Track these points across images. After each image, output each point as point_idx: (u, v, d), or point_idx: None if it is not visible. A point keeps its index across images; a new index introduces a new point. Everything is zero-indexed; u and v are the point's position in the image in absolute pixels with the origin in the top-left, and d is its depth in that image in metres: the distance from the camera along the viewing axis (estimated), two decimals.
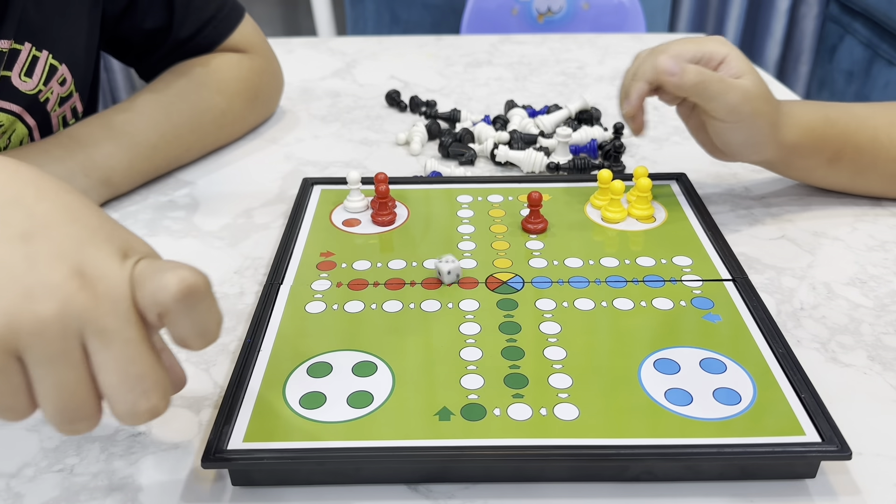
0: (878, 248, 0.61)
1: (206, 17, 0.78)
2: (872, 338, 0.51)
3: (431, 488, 0.41)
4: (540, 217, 0.60)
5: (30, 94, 0.65)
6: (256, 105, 0.83)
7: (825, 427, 0.40)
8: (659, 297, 0.51)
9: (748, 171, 0.74)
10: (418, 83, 0.99)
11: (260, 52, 0.83)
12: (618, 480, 0.41)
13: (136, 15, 0.75)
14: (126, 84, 2.26)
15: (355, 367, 0.46)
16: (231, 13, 0.80)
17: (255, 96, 0.82)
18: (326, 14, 2.25)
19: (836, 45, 2.04)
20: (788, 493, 0.40)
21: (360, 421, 0.42)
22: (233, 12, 0.81)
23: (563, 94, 0.94)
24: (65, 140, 0.66)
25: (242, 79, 0.79)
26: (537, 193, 0.59)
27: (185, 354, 0.51)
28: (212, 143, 0.78)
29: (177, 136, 0.73)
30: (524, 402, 0.43)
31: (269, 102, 0.86)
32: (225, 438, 0.40)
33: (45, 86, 0.67)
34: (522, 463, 0.40)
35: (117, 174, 0.68)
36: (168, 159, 0.73)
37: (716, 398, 0.43)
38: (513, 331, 0.48)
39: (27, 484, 0.42)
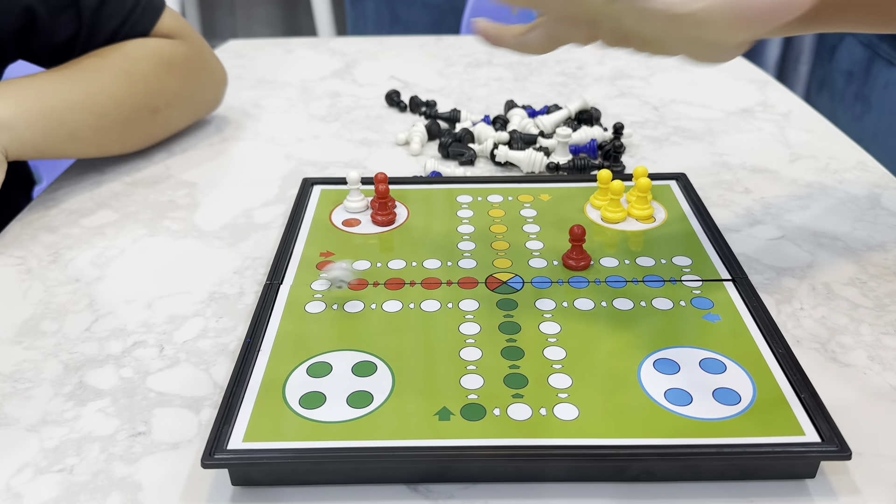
0: (878, 248, 0.61)
1: (122, 15, 0.76)
2: (872, 338, 0.51)
3: (431, 488, 0.41)
4: (583, 253, 0.55)
5: None
6: (173, 72, 0.78)
7: (825, 427, 0.40)
8: (659, 297, 0.51)
9: (748, 171, 0.74)
10: (418, 83, 0.99)
11: (186, 39, 0.81)
12: (618, 480, 0.41)
13: (43, 32, 0.73)
14: None
15: (355, 367, 0.46)
16: (147, 10, 0.78)
17: (168, 63, 0.78)
18: (326, 14, 2.25)
19: (836, 45, 2.04)
20: (788, 493, 0.40)
21: (360, 421, 0.42)
22: (149, 9, 0.78)
23: (563, 95, 0.94)
24: None
25: (149, 48, 0.77)
26: (580, 228, 0.54)
27: (185, 354, 0.51)
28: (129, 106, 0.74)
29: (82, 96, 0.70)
30: (524, 402, 0.43)
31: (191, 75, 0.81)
32: (225, 438, 0.40)
33: None
34: (522, 463, 0.40)
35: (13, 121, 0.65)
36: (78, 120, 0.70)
37: (715, 398, 0.43)
38: (513, 331, 0.49)
39: (27, 484, 0.42)
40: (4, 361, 0.51)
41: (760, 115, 0.87)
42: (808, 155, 0.78)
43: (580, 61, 1.05)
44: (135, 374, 0.49)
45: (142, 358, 0.51)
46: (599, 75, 1.01)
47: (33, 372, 0.50)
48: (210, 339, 0.52)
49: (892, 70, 1.80)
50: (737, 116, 0.87)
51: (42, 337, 0.53)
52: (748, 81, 0.98)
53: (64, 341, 0.52)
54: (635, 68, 1.03)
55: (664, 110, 0.89)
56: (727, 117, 0.87)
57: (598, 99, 0.90)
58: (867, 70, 1.90)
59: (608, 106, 0.90)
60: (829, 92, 2.07)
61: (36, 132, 0.67)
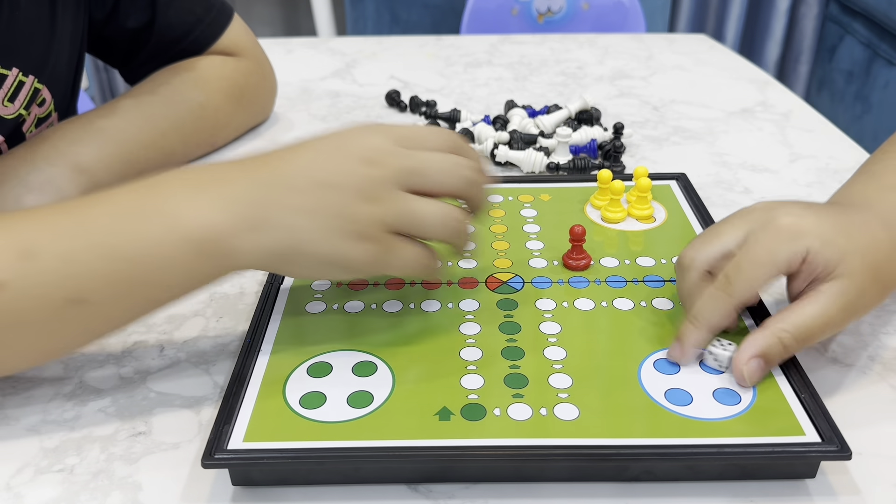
0: None
1: (193, 19, 0.77)
2: (872, 338, 0.51)
3: (431, 488, 0.41)
4: (583, 253, 0.55)
5: (9, 118, 0.64)
6: (242, 103, 0.81)
7: (825, 427, 0.40)
8: (659, 297, 0.51)
9: (748, 171, 0.74)
10: (418, 83, 0.99)
11: (250, 56, 0.82)
12: (618, 480, 0.41)
13: (119, 15, 0.74)
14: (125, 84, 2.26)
15: (355, 367, 0.46)
16: (219, 16, 0.79)
17: (239, 94, 0.80)
18: (326, 14, 2.25)
19: (836, 46, 2.04)
20: (788, 493, 0.40)
21: (360, 421, 0.42)
22: (221, 15, 0.79)
23: (563, 94, 0.94)
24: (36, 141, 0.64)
25: (225, 77, 0.78)
26: (581, 227, 0.54)
27: (184, 354, 0.51)
28: (194, 143, 0.76)
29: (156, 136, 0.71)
30: (524, 402, 0.43)
31: (257, 103, 0.84)
32: (225, 438, 0.40)
33: (25, 110, 0.66)
34: (522, 463, 0.40)
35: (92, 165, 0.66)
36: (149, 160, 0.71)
37: (715, 398, 0.43)
38: (513, 331, 0.49)
39: (27, 484, 0.42)
40: None
41: (760, 114, 0.87)
42: (808, 155, 0.78)
43: (580, 61, 1.05)
44: (135, 374, 0.49)
45: (142, 358, 0.51)
46: (599, 75, 1.01)
47: (33, 372, 0.50)
48: (210, 339, 0.52)
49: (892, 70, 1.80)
50: (737, 116, 0.87)
51: None
52: (748, 81, 0.98)
53: None
54: (635, 68, 1.03)
55: (664, 110, 0.89)
56: (727, 117, 0.87)
57: (598, 99, 0.90)
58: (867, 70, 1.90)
59: (608, 106, 0.90)
60: (830, 92, 2.07)
61: (112, 175, 0.67)
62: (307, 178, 0.43)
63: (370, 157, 0.43)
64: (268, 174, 0.43)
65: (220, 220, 0.42)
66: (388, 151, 0.44)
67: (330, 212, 0.42)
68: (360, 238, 0.42)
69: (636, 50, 1.10)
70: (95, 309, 0.42)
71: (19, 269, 0.41)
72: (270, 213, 0.42)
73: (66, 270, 0.41)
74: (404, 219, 0.43)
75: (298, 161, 0.44)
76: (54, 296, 0.41)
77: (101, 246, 0.42)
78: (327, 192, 0.42)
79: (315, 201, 0.42)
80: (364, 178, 0.43)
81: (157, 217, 0.42)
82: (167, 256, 0.42)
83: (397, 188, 0.43)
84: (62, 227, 0.43)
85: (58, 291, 0.41)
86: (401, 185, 0.43)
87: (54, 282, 0.41)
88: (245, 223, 0.42)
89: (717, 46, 1.12)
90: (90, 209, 0.43)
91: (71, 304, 0.41)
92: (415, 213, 0.43)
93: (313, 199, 0.42)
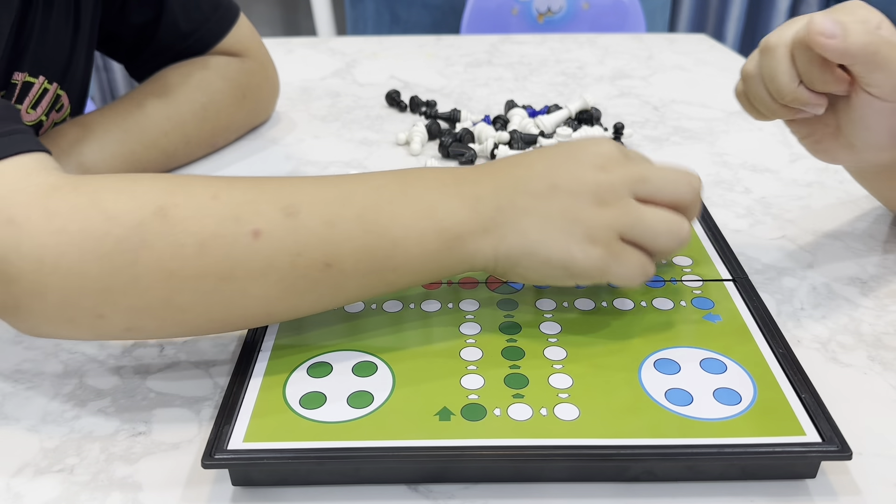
0: (878, 248, 0.61)
1: (199, 17, 0.77)
2: (872, 338, 0.51)
3: (431, 488, 0.41)
4: None
5: (30, 125, 0.65)
6: (244, 104, 0.81)
7: (825, 427, 0.40)
8: (659, 297, 0.51)
9: (748, 171, 0.74)
10: (418, 83, 0.99)
11: (254, 56, 0.82)
12: (618, 480, 0.41)
13: (126, 11, 0.74)
14: (126, 84, 2.26)
15: (355, 367, 0.46)
16: (226, 14, 0.80)
17: (242, 95, 0.80)
18: (326, 14, 2.25)
19: None
20: (789, 493, 0.40)
21: (360, 421, 0.42)
22: (227, 13, 0.80)
23: (563, 94, 0.94)
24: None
25: (228, 78, 0.78)
26: None
27: (184, 354, 0.51)
28: (196, 143, 0.76)
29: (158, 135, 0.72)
30: (524, 402, 0.43)
31: (259, 104, 0.84)
32: (225, 438, 0.40)
33: (46, 116, 0.66)
34: (522, 463, 0.40)
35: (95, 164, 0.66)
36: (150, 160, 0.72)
37: (716, 398, 0.43)
38: (513, 331, 0.48)
39: (27, 484, 0.42)
40: (4, 361, 0.51)
41: None
42: (808, 155, 0.77)
43: (580, 61, 1.05)
44: (135, 374, 0.49)
45: (142, 358, 0.51)
46: (600, 75, 1.01)
47: (33, 372, 0.50)
48: (210, 339, 0.52)
49: None
50: (737, 116, 0.87)
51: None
52: None
53: (64, 341, 0.52)
54: (636, 68, 1.03)
55: (664, 110, 0.89)
56: (727, 117, 0.87)
57: (598, 99, 0.90)
58: None
59: (608, 106, 0.90)
60: None
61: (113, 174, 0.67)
62: (544, 183, 0.44)
63: (602, 164, 0.45)
64: (509, 179, 0.45)
65: (467, 217, 0.44)
66: (618, 159, 0.45)
67: (564, 215, 0.44)
68: (591, 242, 0.43)
69: (636, 50, 1.10)
70: (340, 278, 0.43)
71: (279, 223, 0.42)
72: (509, 217, 0.44)
73: (324, 233, 0.42)
74: (634, 225, 0.44)
75: (535, 167, 0.45)
76: (307, 254, 0.42)
77: (361, 218, 0.43)
78: (563, 196, 0.44)
79: (551, 205, 0.44)
80: (597, 183, 0.44)
81: (415, 203, 0.44)
82: (418, 242, 0.43)
83: (628, 194, 0.44)
84: (326, 193, 0.44)
85: (312, 251, 0.42)
86: (631, 192, 0.44)
87: (310, 242, 0.42)
88: (487, 223, 0.44)
89: (717, 46, 1.12)
90: (352, 184, 0.45)
91: (321, 267, 0.43)
92: (644, 220, 0.44)
93: (549, 202, 0.44)
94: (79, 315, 0.41)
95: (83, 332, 0.43)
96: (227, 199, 0.42)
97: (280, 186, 0.44)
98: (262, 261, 0.42)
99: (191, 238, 0.41)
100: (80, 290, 0.40)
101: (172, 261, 0.41)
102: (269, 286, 0.42)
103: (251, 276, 0.42)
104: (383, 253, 0.43)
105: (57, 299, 0.41)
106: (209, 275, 0.41)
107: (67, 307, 0.41)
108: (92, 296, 0.41)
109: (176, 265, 0.41)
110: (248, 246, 0.41)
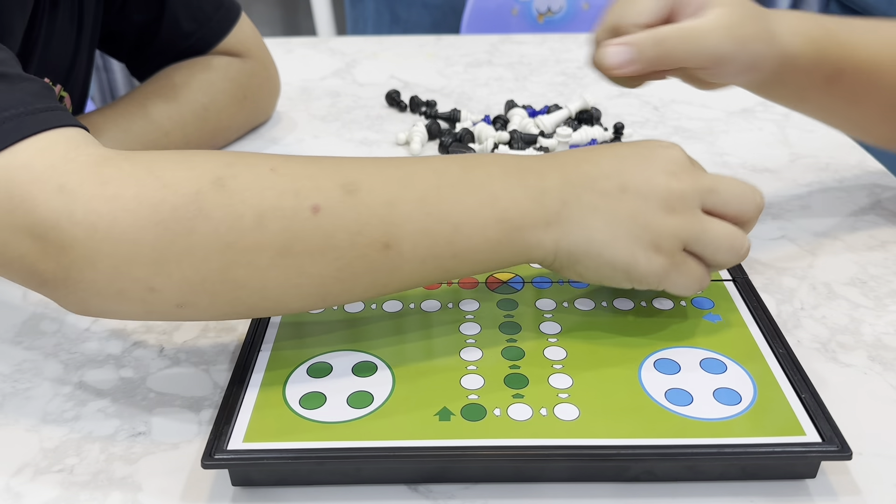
0: (878, 248, 0.61)
1: (201, 16, 0.77)
2: (873, 338, 0.51)
3: (431, 488, 0.41)
4: None
5: None
6: (245, 105, 0.81)
7: (825, 427, 0.40)
8: (659, 298, 0.51)
9: (748, 171, 0.74)
10: (418, 83, 0.99)
11: (256, 56, 0.82)
12: (618, 481, 0.41)
13: (128, 9, 0.74)
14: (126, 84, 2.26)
15: (355, 367, 0.46)
16: (227, 14, 0.80)
17: (243, 96, 0.80)
18: (326, 14, 2.25)
19: None
20: (789, 493, 0.40)
21: (360, 421, 0.42)
22: (229, 13, 0.80)
23: (563, 94, 0.94)
24: None
25: (229, 79, 0.78)
26: None
27: (184, 354, 0.51)
28: (196, 143, 0.76)
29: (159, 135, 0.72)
30: (524, 402, 0.43)
31: (259, 104, 0.84)
32: (225, 438, 0.40)
33: None
34: (522, 463, 0.40)
35: None
36: None
37: (716, 398, 0.43)
38: (513, 331, 0.48)
39: (27, 484, 0.42)
40: (4, 361, 0.51)
41: (761, 114, 0.87)
42: (808, 155, 0.78)
43: (580, 61, 1.05)
44: (135, 374, 0.49)
45: (142, 358, 0.51)
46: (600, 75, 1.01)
47: (33, 372, 0.50)
48: (210, 339, 0.52)
49: None
50: (737, 116, 0.87)
51: (42, 337, 0.53)
52: None
53: (64, 341, 0.52)
54: None
55: (664, 110, 0.89)
56: (727, 117, 0.87)
57: (598, 99, 0.90)
58: None
59: (608, 106, 0.90)
60: None
61: None
62: (614, 182, 0.44)
63: (673, 170, 0.44)
64: (576, 175, 0.44)
65: (531, 208, 0.43)
66: (688, 167, 0.45)
67: (633, 218, 0.43)
68: (655, 248, 0.43)
69: None
70: (398, 260, 0.42)
71: (339, 199, 0.41)
72: (574, 212, 0.43)
73: (385, 213, 0.41)
74: (700, 237, 0.44)
75: (604, 165, 0.45)
76: (366, 233, 0.41)
77: (423, 201, 0.42)
78: (632, 199, 0.43)
79: (619, 206, 0.43)
80: (668, 190, 0.43)
81: (478, 190, 0.43)
82: (479, 229, 0.43)
83: (696, 205, 0.44)
84: (389, 174, 0.43)
85: (371, 231, 0.41)
86: (699, 203, 0.44)
87: (370, 221, 0.41)
88: (551, 217, 0.43)
89: None
90: (414, 166, 0.44)
91: (379, 248, 0.41)
92: (709, 232, 0.44)
93: (617, 203, 0.43)
94: (130, 287, 0.40)
95: (134, 306, 0.41)
96: (286, 173, 0.41)
97: (340, 164, 0.43)
98: (321, 237, 0.40)
99: (249, 210, 0.40)
100: (133, 258, 0.39)
101: (230, 232, 0.39)
102: (327, 264, 0.41)
103: (309, 252, 0.40)
104: (444, 238, 0.42)
105: (109, 268, 0.39)
106: (267, 248, 0.40)
107: (119, 277, 0.39)
108: (145, 266, 0.39)
109: (233, 237, 0.39)
110: (308, 220, 0.40)
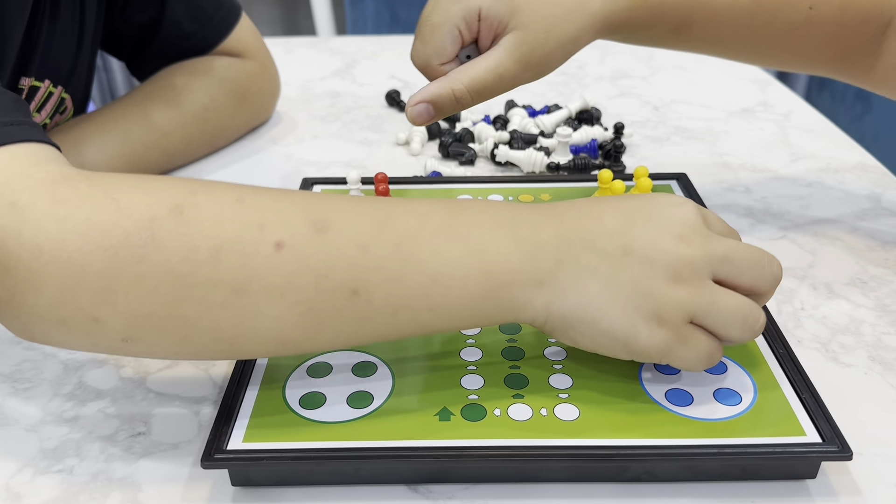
0: (878, 248, 0.61)
1: (202, 16, 0.77)
2: (873, 338, 0.51)
3: (431, 488, 0.41)
4: None
5: None
6: (245, 106, 0.81)
7: (826, 427, 0.40)
8: None
9: (748, 171, 0.74)
10: (418, 83, 0.99)
11: (256, 57, 0.82)
12: (618, 481, 0.41)
13: (129, 9, 0.74)
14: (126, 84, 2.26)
15: (355, 367, 0.46)
16: (228, 14, 0.80)
17: (243, 97, 0.80)
18: (326, 14, 2.25)
19: None
20: (789, 493, 0.40)
21: (360, 421, 0.42)
22: (229, 14, 0.80)
23: (563, 94, 0.94)
24: None
25: (230, 79, 0.78)
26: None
27: None
28: (196, 144, 0.76)
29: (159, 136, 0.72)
30: (524, 402, 0.43)
31: (259, 105, 0.84)
32: (225, 438, 0.40)
33: (50, 119, 0.66)
34: (522, 463, 0.40)
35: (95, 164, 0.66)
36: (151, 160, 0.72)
37: (716, 398, 0.43)
38: (513, 331, 0.48)
39: (27, 484, 0.42)
40: (4, 361, 0.51)
41: (761, 114, 0.87)
42: (808, 155, 0.78)
43: (580, 61, 1.05)
44: (135, 374, 0.49)
45: (142, 358, 0.50)
46: (600, 75, 1.00)
47: (33, 372, 0.50)
48: None
49: None
50: (737, 116, 0.87)
51: None
52: (749, 81, 0.98)
53: None
54: (636, 68, 1.03)
55: (665, 110, 0.89)
56: (728, 117, 0.87)
57: (598, 98, 0.90)
58: None
59: (608, 106, 0.90)
60: (830, 92, 2.07)
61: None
62: (616, 243, 0.40)
63: (683, 234, 0.40)
64: (576, 229, 0.40)
65: (521, 264, 0.39)
66: (700, 231, 0.40)
67: (636, 286, 0.39)
68: (659, 321, 0.39)
69: (636, 50, 1.10)
70: (367, 309, 0.38)
71: (306, 237, 0.38)
72: (570, 273, 0.39)
73: (355, 256, 0.38)
74: (709, 311, 0.39)
75: (606, 222, 0.41)
76: (333, 277, 0.38)
77: (398, 246, 0.39)
78: (636, 264, 0.39)
79: (620, 269, 0.39)
80: (676, 256, 0.39)
81: (463, 239, 0.39)
82: (460, 281, 0.39)
83: (707, 275, 0.40)
84: (365, 214, 0.40)
85: (339, 274, 0.38)
86: (710, 272, 0.40)
87: (338, 263, 0.38)
88: (543, 276, 0.39)
89: None
90: (394, 208, 0.41)
91: (347, 294, 0.38)
92: (720, 306, 0.39)
93: (619, 266, 0.39)
94: (73, 315, 0.37)
95: (77, 336, 0.38)
96: (252, 204, 0.38)
97: (313, 199, 0.40)
98: (282, 277, 0.37)
99: (206, 241, 0.37)
100: (78, 285, 0.36)
101: (182, 264, 0.37)
102: (287, 307, 0.38)
103: (268, 292, 0.37)
104: (420, 289, 0.39)
105: (52, 294, 0.37)
106: (221, 285, 0.37)
107: (62, 305, 0.37)
108: (90, 294, 0.37)
109: (185, 269, 0.37)
110: (269, 258, 0.37)
